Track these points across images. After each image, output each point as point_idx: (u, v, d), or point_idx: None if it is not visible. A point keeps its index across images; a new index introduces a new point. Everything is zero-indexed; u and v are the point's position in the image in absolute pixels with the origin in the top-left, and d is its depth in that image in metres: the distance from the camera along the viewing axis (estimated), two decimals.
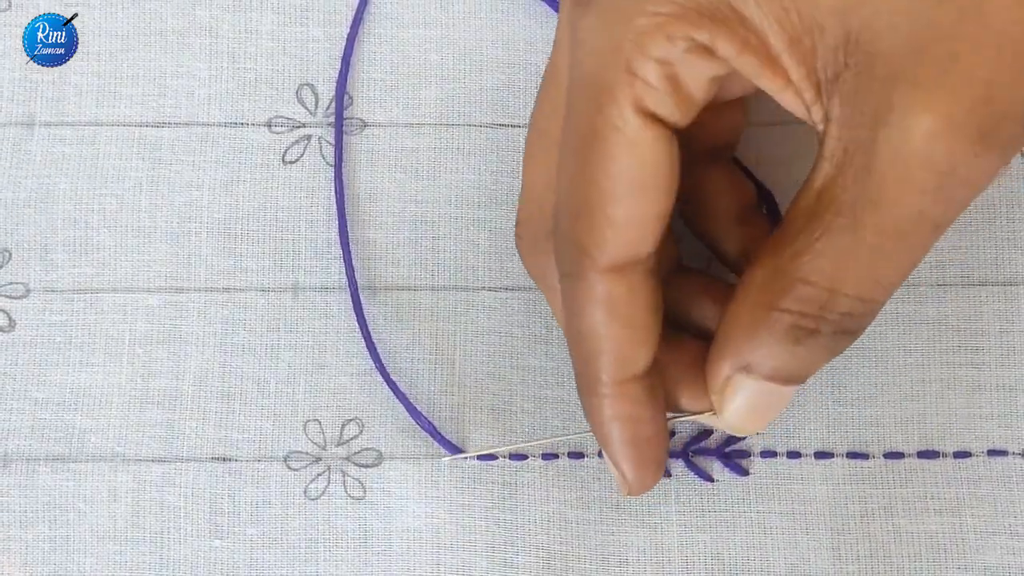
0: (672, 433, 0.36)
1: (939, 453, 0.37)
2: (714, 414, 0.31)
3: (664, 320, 0.32)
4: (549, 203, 0.31)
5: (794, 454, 0.37)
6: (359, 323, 0.38)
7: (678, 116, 0.28)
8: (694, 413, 0.33)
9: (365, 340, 0.37)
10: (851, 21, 0.26)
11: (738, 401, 0.30)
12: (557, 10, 0.40)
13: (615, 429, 0.31)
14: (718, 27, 0.27)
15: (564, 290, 0.31)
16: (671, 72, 0.28)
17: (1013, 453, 0.37)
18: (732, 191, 0.34)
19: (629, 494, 0.32)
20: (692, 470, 0.37)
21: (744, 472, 0.37)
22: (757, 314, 0.29)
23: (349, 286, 0.38)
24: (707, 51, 0.27)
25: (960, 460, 0.37)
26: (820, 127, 0.28)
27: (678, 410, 0.33)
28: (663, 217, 0.29)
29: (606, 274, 0.29)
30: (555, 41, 0.32)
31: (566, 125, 0.30)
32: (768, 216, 0.37)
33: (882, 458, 0.37)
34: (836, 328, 0.29)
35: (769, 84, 0.28)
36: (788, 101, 0.28)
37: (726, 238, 0.35)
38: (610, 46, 0.28)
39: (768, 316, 0.29)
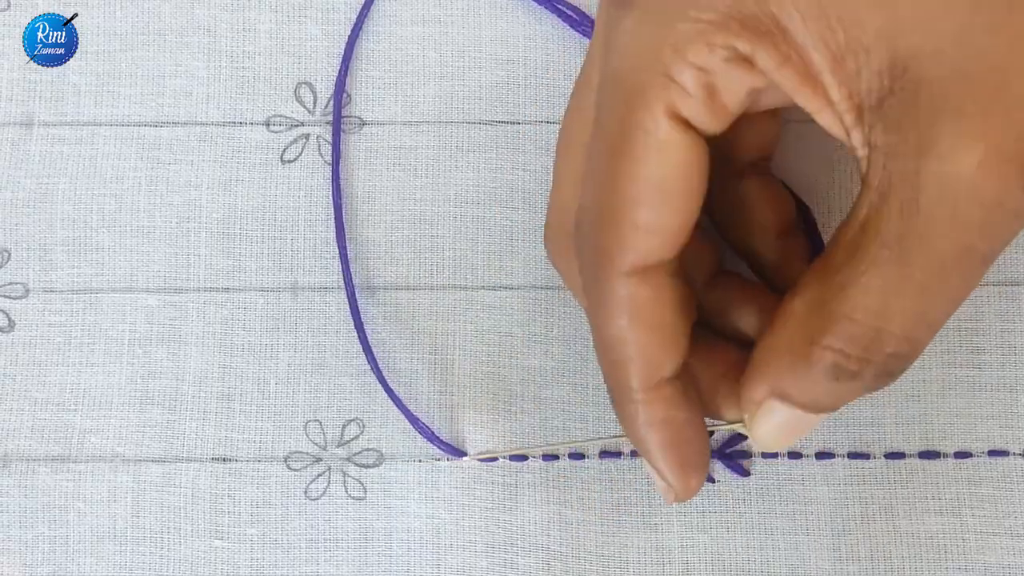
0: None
1: (940, 453, 0.37)
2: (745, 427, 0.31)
3: (703, 325, 0.32)
4: (575, 208, 0.30)
5: (795, 455, 0.37)
6: (356, 327, 0.37)
7: (711, 124, 0.28)
8: (727, 422, 0.32)
9: (362, 344, 0.37)
10: (898, 46, 0.25)
11: (770, 424, 0.30)
12: (551, 10, 0.40)
13: (652, 434, 0.30)
14: (760, 39, 0.26)
15: (589, 297, 0.30)
16: (708, 80, 0.27)
17: (1014, 453, 0.37)
18: (771, 204, 0.33)
19: (675, 501, 0.31)
20: None
21: (745, 473, 0.37)
22: (797, 347, 0.28)
23: (346, 288, 0.38)
24: (747, 62, 0.27)
25: (961, 460, 0.37)
26: (860, 153, 0.27)
27: (712, 416, 0.32)
28: (688, 224, 0.28)
29: (629, 277, 0.29)
30: (588, 51, 0.31)
31: (595, 126, 0.29)
32: (806, 232, 0.36)
33: (883, 458, 0.37)
34: (879, 370, 0.28)
35: (807, 102, 0.27)
36: (827, 122, 0.27)
37: (764, 252, 0.34)
38: (648, 48, 0.27)
39: (810, 352, 0.28)
